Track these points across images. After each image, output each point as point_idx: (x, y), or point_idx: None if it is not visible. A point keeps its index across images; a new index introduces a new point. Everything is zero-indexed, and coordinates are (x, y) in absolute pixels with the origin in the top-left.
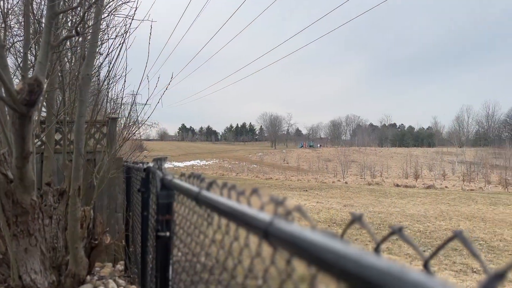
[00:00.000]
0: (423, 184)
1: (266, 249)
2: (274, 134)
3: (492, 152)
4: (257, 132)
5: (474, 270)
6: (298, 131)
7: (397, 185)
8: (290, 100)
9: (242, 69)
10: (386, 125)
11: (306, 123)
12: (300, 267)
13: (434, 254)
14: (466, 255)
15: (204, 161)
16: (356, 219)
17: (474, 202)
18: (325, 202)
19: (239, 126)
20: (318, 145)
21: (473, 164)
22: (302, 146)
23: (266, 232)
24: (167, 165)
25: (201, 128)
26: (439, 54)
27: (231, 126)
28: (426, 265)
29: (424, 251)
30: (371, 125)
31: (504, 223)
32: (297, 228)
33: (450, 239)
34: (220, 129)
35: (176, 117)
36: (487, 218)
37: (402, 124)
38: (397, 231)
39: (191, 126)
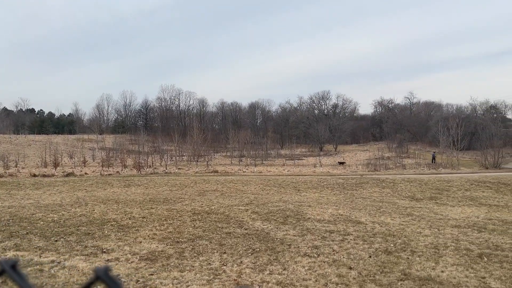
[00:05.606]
0: (63, 172)
1: None
2: None
3: (129, 139)
4: None
5: (104, 250)
6: None
7: (34, 175)
8: None
9: None
10: (23, 110)
11: None
12: None
13: None
14: (97, 237)
15: None
16: None
17: (111, 186)
18: None
19: None
20: None
21: (112, 150)
22: None
23: None
24: None
25: None
26: (75, 41)
27: None
28: None
29: (56, 240)
30: (5, 109)
31: (135, 203)
32: None
33: None
34: None
35: None
36: (120, 199)
37: (41, 110)
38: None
39: None
